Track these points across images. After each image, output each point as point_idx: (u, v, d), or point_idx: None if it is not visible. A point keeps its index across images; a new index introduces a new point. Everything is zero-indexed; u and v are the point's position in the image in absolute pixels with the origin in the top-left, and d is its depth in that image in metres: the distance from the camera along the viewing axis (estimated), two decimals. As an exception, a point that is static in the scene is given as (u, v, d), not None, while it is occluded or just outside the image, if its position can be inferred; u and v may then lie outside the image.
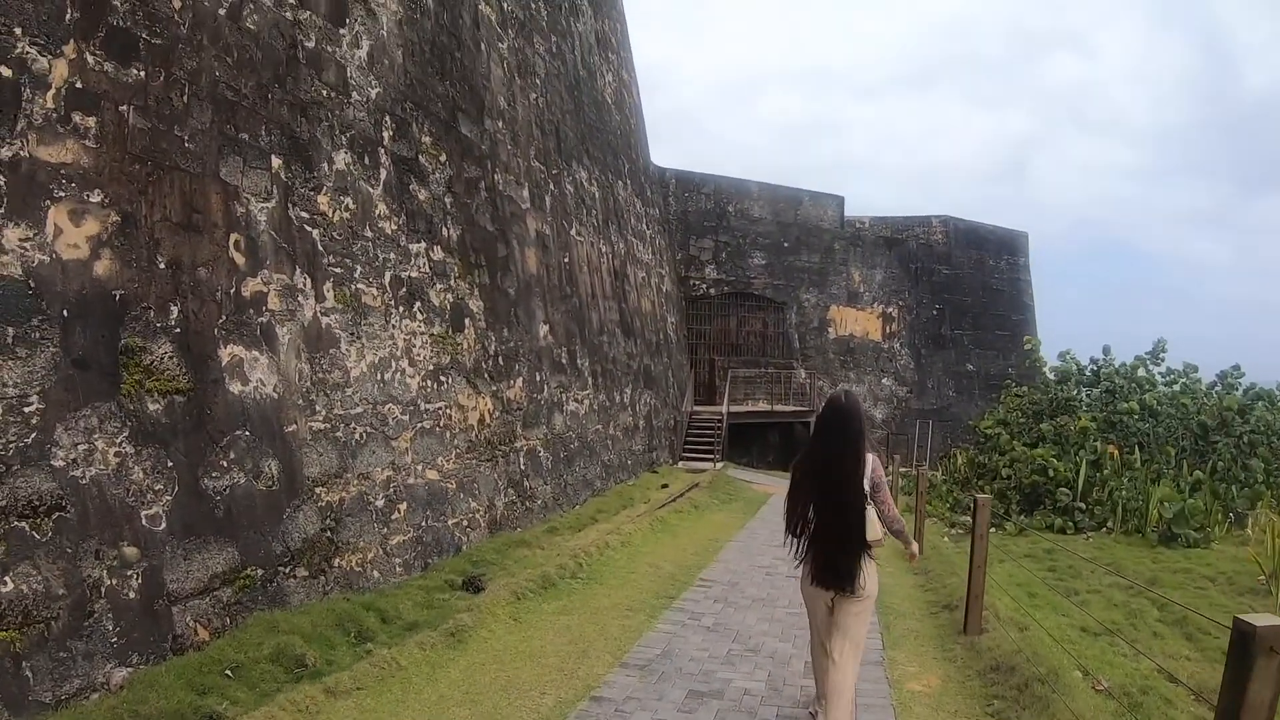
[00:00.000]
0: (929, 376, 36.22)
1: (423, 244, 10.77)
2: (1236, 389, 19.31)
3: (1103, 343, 22.58)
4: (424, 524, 9.94)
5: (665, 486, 18.73)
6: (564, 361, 15.36)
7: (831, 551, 4.88)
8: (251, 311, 7.56)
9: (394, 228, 10.11)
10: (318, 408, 8.34)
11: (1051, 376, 19.69)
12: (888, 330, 35.58)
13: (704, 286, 31.43)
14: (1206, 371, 20.23)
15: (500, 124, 13.95)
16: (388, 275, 9.89)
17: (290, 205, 8.26)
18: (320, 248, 8.67)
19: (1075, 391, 19.37)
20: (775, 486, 23.13)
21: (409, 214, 10.49)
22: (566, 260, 16.45)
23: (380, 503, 9.17)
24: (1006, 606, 8.36)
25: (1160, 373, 19.98)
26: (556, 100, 17.54)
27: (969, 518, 15.55)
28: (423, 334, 10.53)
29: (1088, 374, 19.87)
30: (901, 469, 24.69)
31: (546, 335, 14.67)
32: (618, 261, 20.50)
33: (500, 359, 12.64)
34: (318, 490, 8.16)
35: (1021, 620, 7.79)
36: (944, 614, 8.45)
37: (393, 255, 10.06)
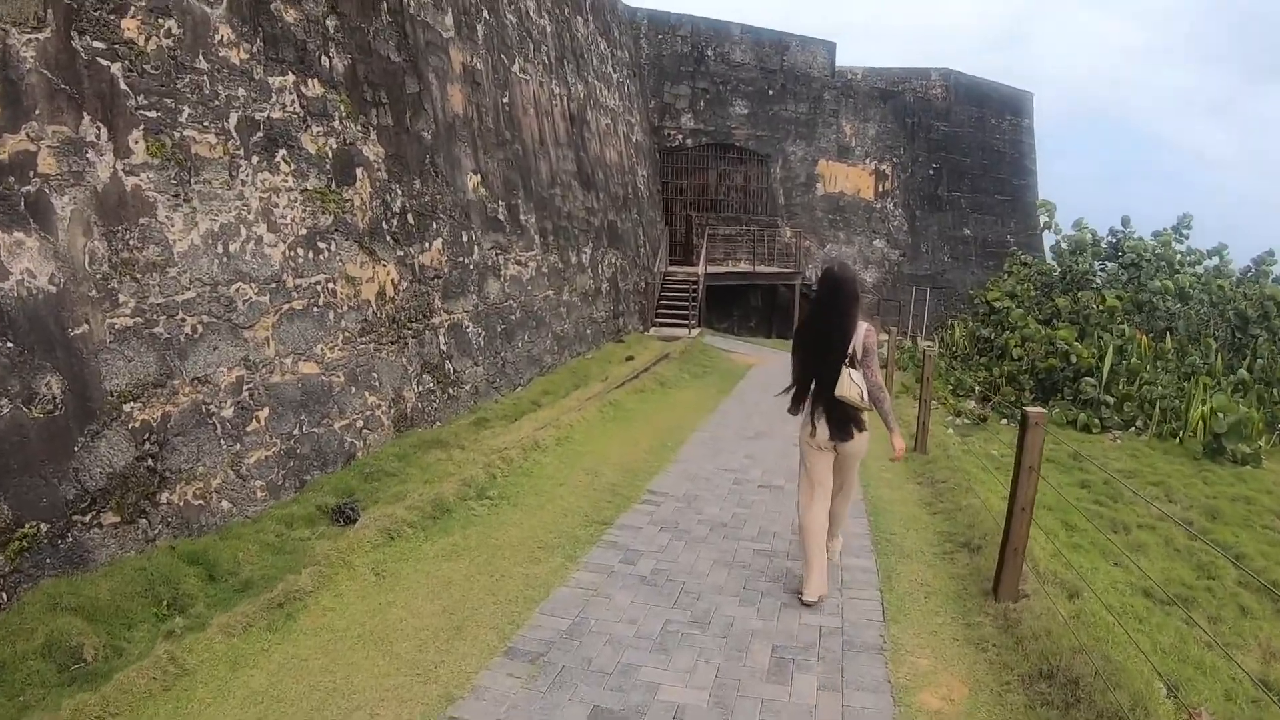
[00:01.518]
0: (923, 240, 33.80)
1: (290, 76, 8.38)
2: (1268, 274, 17.09)
3: (1097, 220, 20.08)
4: (298, 432, 7.85)
5: (630, 359, 16.63)
6: (501, 218, 12.99)
7: (827, 409, 5.46)
8: (12, 180, 5.36)
9: (244, 57, 7.75)
10: (122, 298, 6.15)
11: (1065, 246, 17.35)
12: (880, 189, 32.94)
13: (680, 137, 28.58)
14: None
15: (416, -71, 11.31)
16: (234, 117, 7.55)
17: (75, 34, 5.93)
18: (125, 86, 6.36)
19: (1091, 265, 17.12)
20: (756, 356, 21.05)
21: (268, 39, 8.11)
22: (506, 101, 13.89)
23: (228, 412, 7.06)
24: (1044, 552, 6.30)
25: (1182, 251, 17.64)
26: (497, -91, 14.69)
27: (974, 403, 13.63)
28: (290, 190, 8.22)
29: (1104, 246, 17.52)
30: (898, 339, 22.52)
31: (477, 187, 12.26)
32: (575, 105, 17.86)
33: (410, 217, 10.31)
34: (128, 408, 6.08)
35: (1068, 578, 5.76)
36: (963, 556, 6.38)
37: (242, 92, 7.70)
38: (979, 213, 35.55)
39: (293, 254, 8.11)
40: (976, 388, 13.56)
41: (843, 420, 5.45)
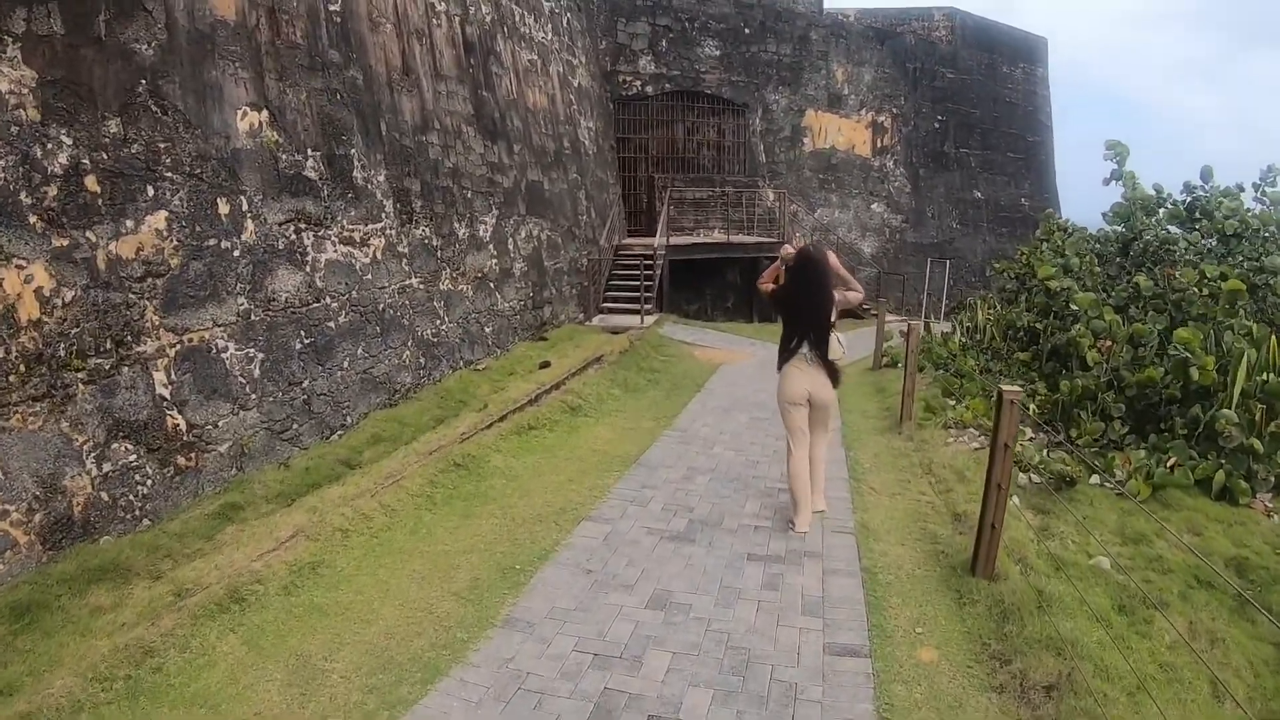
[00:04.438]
0: (928, 204, 29.30)
1: None
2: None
3: (1094, 186, 15.28)
4: None
5: (545, 365, 12.30)
6: (312, 175, 8.61)
7: (823, 366, 6.32)
8: None
9: None
10: None
11: (1134, 206, 12.82)
12: (879, 144, 28.40)
13: (638, 84, 23.86)
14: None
15: None
16: None
17: None
18: None
19: (1165, 230, 12.68)
20: (729, 349, 16.67)
21: None
22: (335, 8, 9.47)
23: None
24: None
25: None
26: None
27: (1034, 437, 9.20)
28: None
29: (1170, 205, 13.00)
30: (894, 318, 18.01)
31: (258, 129, 7.89)
32: (474, 29, 13.40)
33: (90, 180, 6.03)
34: None
35: None
36: None
37: None
38: (990, 172, 31.16)
39: None
40: (1031, 408, 9.22)
41: (833, 374, 6.40)
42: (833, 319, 6.30)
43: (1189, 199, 12.99)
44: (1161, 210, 12.82)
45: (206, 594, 4.83)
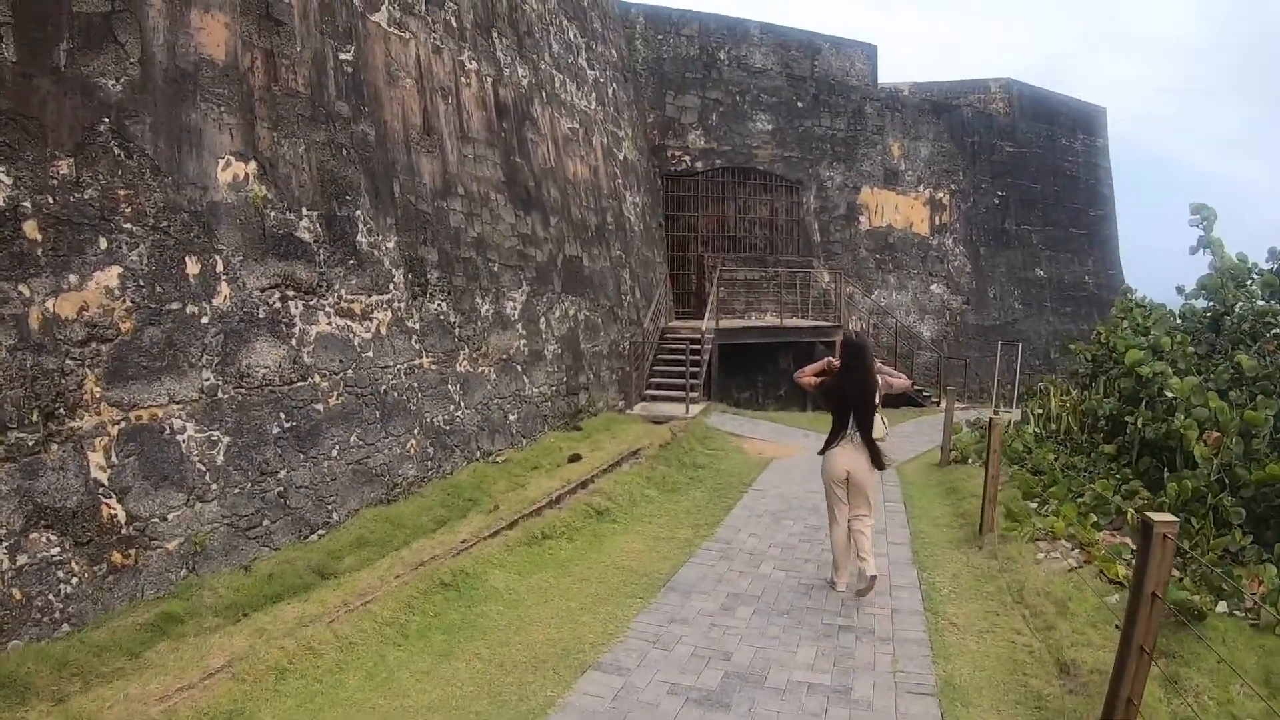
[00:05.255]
0: (989, 283, 27.92)
1: None
2: None
3: (1166, 265, 14.11)
4: None
5: (575, 459, 11.15)
6: (305, 236, 7.66)
7: (868, 447, 6.65)
8: None
9: None
10: None
11: (1222, 278, 11.53)
12: (937, 221, 27.20)
13: (688, 159, 23.02)
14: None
15: None
16: None
17: None
18: None
19: (1259, 302, 11.36)
20: (781, 442, 15.34)
21: None
22: (348, 58, 8.64)
23: None
24: None
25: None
26: None
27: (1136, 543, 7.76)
28: None
29: (1257, 274, 11.72)
30: (960, 406, 16.43)
31: (243, 181, 6.98)
32: (509, 92, 12.59)
33: (31, 226, 5.17)
34: None
35: None
36: None
37: None
38: (1052, 249, 29.76)
39: None
40: (1130, 511, 7.89)
41: (875, 455, 6.67)
42: (877, 401, 6.68)
43: (1277, 267, 11.65)
44: (1250, 280, 11.46)
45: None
